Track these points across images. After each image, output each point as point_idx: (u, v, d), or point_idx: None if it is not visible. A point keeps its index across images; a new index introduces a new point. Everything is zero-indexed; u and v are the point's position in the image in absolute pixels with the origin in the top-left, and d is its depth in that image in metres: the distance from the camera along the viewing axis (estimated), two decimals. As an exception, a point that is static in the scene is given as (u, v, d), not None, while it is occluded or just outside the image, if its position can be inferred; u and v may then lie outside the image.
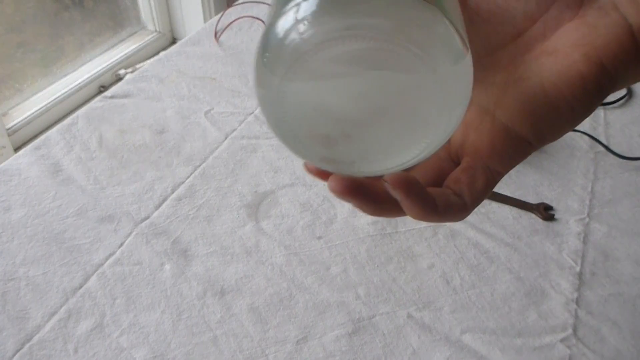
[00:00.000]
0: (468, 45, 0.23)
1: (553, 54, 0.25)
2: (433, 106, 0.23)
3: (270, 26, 0.23)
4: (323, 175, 0.25)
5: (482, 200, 0.25)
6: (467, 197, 0.25)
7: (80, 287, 0.49)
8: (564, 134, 0.25)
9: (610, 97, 0.78)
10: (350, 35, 0.21)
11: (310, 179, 0.61)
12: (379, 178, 0.24)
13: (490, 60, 0.26)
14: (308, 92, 0.23)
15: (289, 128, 0.24)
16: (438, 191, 0.25)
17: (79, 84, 1.81)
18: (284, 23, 0.22)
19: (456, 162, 0.27)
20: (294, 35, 0.22)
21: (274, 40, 0.22)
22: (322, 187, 0.60)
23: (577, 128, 0.71)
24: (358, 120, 0.23)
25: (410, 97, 0.23)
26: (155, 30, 2.10)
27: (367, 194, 0.24)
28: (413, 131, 0.24)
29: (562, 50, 0.24)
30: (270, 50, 0.22)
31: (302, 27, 0.22)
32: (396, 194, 0.23)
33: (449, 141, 0.27)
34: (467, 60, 0.23)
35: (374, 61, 0.21)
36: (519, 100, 0.25)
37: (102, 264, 0.51)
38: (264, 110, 0.24)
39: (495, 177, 0.26)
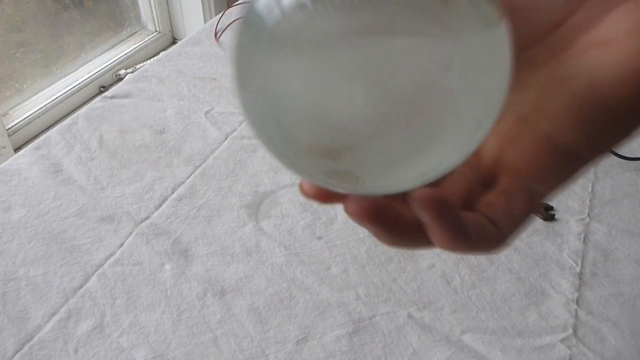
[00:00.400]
0: (501, 11, 0.17)
1: (604, 46, 0.20)
2: (461, 91, 0.17)
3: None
4: (322, 196, 0.21)
5: (522, 228, 0.21)
6: (504, 225, 0.21)
7: (81, 287, 0.49)
8: (621, 143, 0.21)
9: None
10: (354, 5, 0.16)
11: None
12: (396, 199, 0.20)
13: (524, 58, 0.21)
14: (301, 79, 0.17)
15: (278, 133, 0.19)
16: (471, 216, 0.21)
17: (79, 84, 1.81)
18: None
19: (487, 183, 0.23)
20: (285, 4, 0.17)
21: (259, 13, 0.17)
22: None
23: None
24: (365, 119, 0.18)
25: (431, 80, 0.17)
26: (156, 30, 2.10)
27: (388, 217, 0.20)
28: (437, 129, 0.18)
29: (616, 40, 0.20)
30: (253, 26, 0.17)
31: None
32: (424, 216, 0.19)
33: (478, 158, 0.23)
34: (502, 29, 0.17)
35: (385, 31, 0.16)
36: (565, 104, 0.20)
37: (102, 264, 0.51)
38: (248, 109, 0.19)
39: (537, 199, 0.21)
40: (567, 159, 0.21)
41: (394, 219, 0.20)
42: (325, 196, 0.21)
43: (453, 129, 0.18)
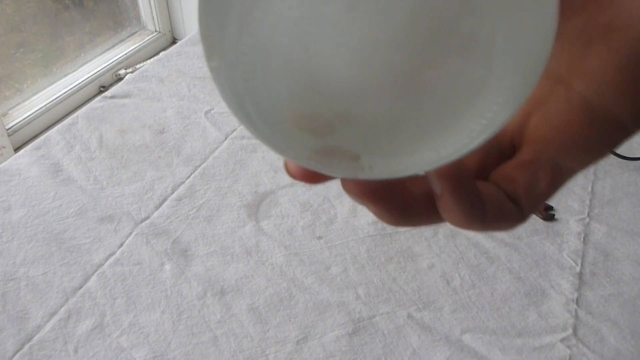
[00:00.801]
0: None
1: None
2: (487, 44, 0.13)
3: None
4: (312, 176, 0.17)
5: (541, 206, 0.18)
6: (524, 203, 0.18)
7: (80, 287, 0.49)
8: None
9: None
10: None
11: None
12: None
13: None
14: (286, 27, 0.13)
15: (258, 107, 0.15)
16: (488, 189, 0.18)
17: (79, 84, 1.81)
18: None
19: (507, 152, 0.19)
20: None
21: None
22: (322, 186, 0.60)
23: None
24: (366, 77, 0.13)
25: (451, 33, 0.12)
26: (155, 30, 2.10)
27: (393, 195, 0.17)
28: (459, 98, 0.14)
29: None
30: None
31: None
32: (439, 187, 0.16)
33: None
34: None
35: None
36: (606, 61, 0.16)
37: (102, 264, 0.51)
38: (222, 82, 0.15)
39: (565, 176, 0.18)
40: (606, 127, 0.17)
41: (399, 197, 0.17)
42: (315, 176, 0.17)
43: (478, 97, 0.13)
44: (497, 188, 0.18)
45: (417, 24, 0.13)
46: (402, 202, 0.17)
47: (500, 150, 0.19)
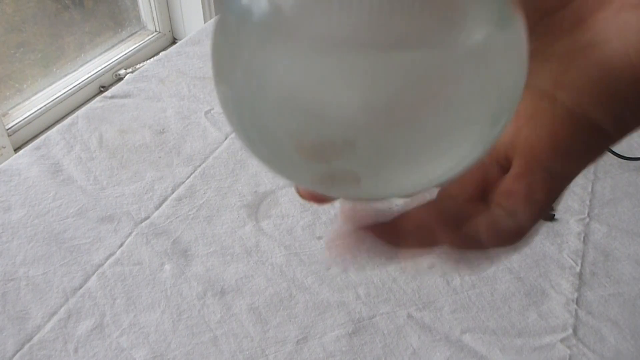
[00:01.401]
0: (517, 3, 0.16)
1: None
2: (473, 92, 0.15)
3: None
4: (320, 198, 0.19)
5: (544, 215, 0.19)
6: (522, 215, 0.19)
7: (80, 287, 0.49)
8: None
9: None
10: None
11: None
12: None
13: (547, 24, 0.19)
14: (294, 73, 0.15)
15: (264, 135, 0.17)
16: (482, 212, 0.19)
17: (79, 84, 1.81)
18: None
19: (506, 168, 0.20)
20: None
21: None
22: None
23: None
24: (367, 118, 0.15)
25: (440, 79, 0.15)
26: (155, 30, 2.10)
27: (386, 226, 0.18)
28: (446, 131, 0.16)
29: None
30: (239, 10, 0.15)
31: None
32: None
33: None
34: (518, 23, 0.16)
35: (387, 34, 0.15)
36: (591, 75, 0.17)
37: (102, 264, 0.51)
38: (228, 108, 0.17)
39: (561, 183, 0.19)
40: (589, 135, 0.18)
41: (391, 227, 0.18)
42: (323, 198, 0.19)
43: (464, 128, 0.16)
44: (493, 207, 0.19)
45: (408, 94, 0.15)
46: (394, 232, 0.18)
47: (499, 167, 0.20)
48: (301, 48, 0.15)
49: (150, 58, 2.01)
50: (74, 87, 1.79)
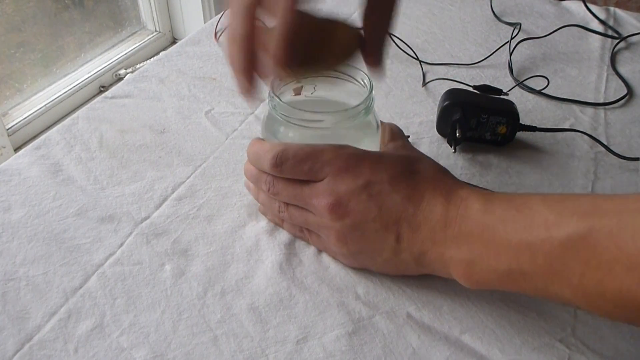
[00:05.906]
0: (379, 124, 0.51)
1: None
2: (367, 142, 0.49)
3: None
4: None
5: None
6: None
7: (81, 287, 0.49)
8: None
9: (611, 97, 0.78)
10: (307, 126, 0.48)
11: (310, 179, 0.61)
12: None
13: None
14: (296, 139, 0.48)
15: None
16: None
17: (79, 84, 1.81)
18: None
19: None
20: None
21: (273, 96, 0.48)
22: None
23: (577, 128, 0.71)
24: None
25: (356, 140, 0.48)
26: (155, 30, 2.10)
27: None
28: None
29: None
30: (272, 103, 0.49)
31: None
32: None
33: None
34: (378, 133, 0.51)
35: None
36: None
37: (102, 264, 0.51)
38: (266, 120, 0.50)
39: None
40: None
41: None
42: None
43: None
44: None
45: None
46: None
47: None
48: (293, 129, 0.48)
49: (150, 58, 2.01)
50: (74, 87, 1.79)
